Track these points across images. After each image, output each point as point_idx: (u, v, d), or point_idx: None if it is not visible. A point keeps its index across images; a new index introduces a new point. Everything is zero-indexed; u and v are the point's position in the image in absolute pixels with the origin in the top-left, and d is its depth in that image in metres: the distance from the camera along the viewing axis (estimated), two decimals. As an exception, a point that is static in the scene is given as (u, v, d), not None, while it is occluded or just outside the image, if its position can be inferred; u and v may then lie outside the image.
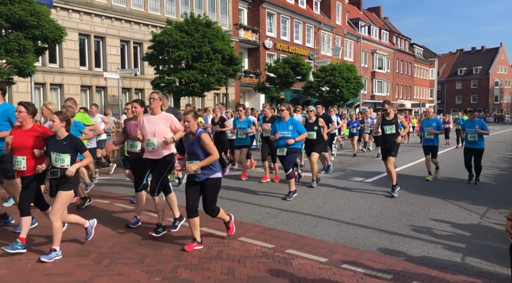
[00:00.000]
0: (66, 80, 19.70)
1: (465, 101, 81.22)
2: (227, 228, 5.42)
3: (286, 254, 4.88)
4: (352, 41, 44.62)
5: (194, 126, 5.05)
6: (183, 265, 4.52)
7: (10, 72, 11.91)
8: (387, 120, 8.34)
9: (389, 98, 52.08)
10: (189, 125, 5.04)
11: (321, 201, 7.78)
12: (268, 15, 32.65)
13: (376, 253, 4.95)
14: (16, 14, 11.31)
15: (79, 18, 19.97)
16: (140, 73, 22.49)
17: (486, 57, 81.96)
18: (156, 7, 23.57)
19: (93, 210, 7.07)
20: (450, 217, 6.61)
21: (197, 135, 5.00)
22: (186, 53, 17.00)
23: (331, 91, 29.89)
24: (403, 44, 57.24)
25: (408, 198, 8.01)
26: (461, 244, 5.28)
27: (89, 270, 4.37)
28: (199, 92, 18.51)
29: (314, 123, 9.20)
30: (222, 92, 26.64)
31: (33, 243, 5.26)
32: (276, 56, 32.51)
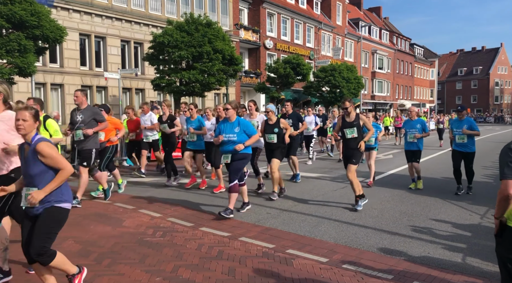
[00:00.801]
0: (66, 80, 19.71)
1: (466, 101, 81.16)
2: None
3: (286, 254, 4.88)
4: (352, 41, 44.62)
5: (30, 131, 3.41)
6: (184, 265, 4.53)
7: (11, 72, 11.92)
8: (348, 123, 7.21)
9: (389, 98, 52.11)
10: (23, 129, 3.38)
11: (321, 201, 7.78)
12: (269, 15, 32.66)
13: (377, 253, 4.96)
14: (16, 14, 11.32)
15: (79, 18, 19.98)
16: (141, 73, 22.50)
17: (486, 57, 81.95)
18: (157, 7, 23.57)
19: (94, 210, 7.07)
20: (450, 217, 6.62)
21: (32, 146, 3.38)
22: (187, 53, 17.00)
23: (331, 91, 29.90)
24: (403, 45, 57.24)
25: (409, 198, 8.01)
26: (461, 244, 5.28)
27: (90, 270, 4.37)
28: (199, 92, 18.53)
29: (274, 125, 7.98)
30: (223, 93, 26.65)
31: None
32: (276, 56, 32.53)
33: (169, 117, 9.63)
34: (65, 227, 5.91)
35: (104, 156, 8.02)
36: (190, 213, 6.88)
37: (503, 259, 2.82)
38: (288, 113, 9.73)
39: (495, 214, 2.86)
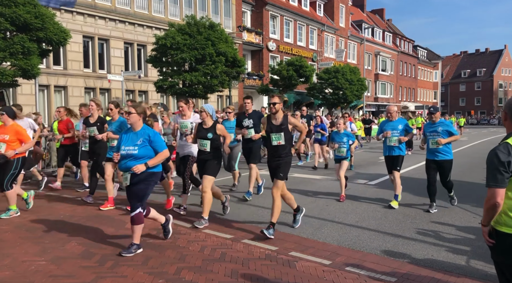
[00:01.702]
0: (70, 82, 19.77)
1: (469, 103, 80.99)
2: None
3: (289, 256, 4.87)
4: (355, 43, 44.60)
5: None
6: (187, 267, 4.52)
7: (15, 74, 11.97)
8: (274, 126, 5.78)
9: (392, 100, 52.02)
10: None
11: (324, 204, 7.76)
12: (272, 17, 32.69)
13: (380, 255, 4.94)
14: (20, 17, 11.37)
15: (83, 21, 20.06)
16: (144, 75, 22.54)
17: (490, 59, 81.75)
18: (160, 10, 23.64)
19: (96, 212, 7.08)
20: (454, 219, 6.58)
21: None
22: (189, 56, 17.03)
23: (334, 93, 29.89)
24: (406, 46, 57.18)
25: (412, 201, 7.98)
26: (465, 247, 5.25)
27: (92, 272, 4.38)
28: (202, 94, 18.55)
29: (208, 129, 6.25)
30: (226, 95, 26.67)
31: (37, 245, 5.27)
32: (279, 58, 32.55)
33: (99, 120, 7.90)
34: (68, 229, 5.94)
35: (7, 172, 6.59)
36: (193, 215, 6.87)
37: (499, 264, 2.79)
38: (248, 112, 8.13)
39: (483, 222, 2.80)
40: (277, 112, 5.73)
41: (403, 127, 7.37)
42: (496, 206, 2.62)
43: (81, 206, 7.55)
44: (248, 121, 8.06)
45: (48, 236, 5.63)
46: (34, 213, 7.01)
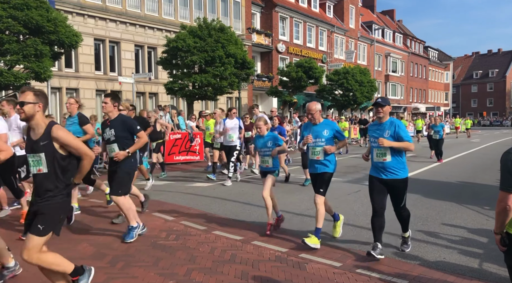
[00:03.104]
0: (81, 85, 19.98)
1: (481, 104, 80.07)
2: None
3: (299, 258, 4.85)
4: (365, 45, 44.41)
5: None
6: (197, 269, 4.53)
7: (27, 77, 12.14)
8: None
9: (403, 102, 51.66)
10: None
11: (334, 205, 7.70)
12: (281, 19, 32.70)
13: (391, 257, 4.90)
14: (33, 19, 11.53)
15: (94, 24, 20.26)
16: (154, 77, 22.70)
17: (502, 60, 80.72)
18: (170, 12, 23.79)
19: (107, 214, 7.13)
20: (466, 222, 6.51)
21: None
22: (199, 58, 17.12)
23: (344, 94, 29.79)
24: (417, 47, 56.77)
25: (423, 203, 7.91)
26: (478, 249, 5.19)
27: (104, 272, 4.41)
28: (212, 96, 18.62)
29: None
30: (235, 96, 26.73)
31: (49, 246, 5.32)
32: (288, 60, 32.54)
33: None
34: (80, 230, 5.99)
35: None
36: (203, 216, 6.90)
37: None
38: None
39: (495, 229, 2.76)
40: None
41: (330, 134, 5.35)
42: (508, 209, 2.60)
43: (93, 208, 7.61)
44: None
45: (60, 237, 5.66)
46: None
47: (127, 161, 5.54)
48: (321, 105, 6.06)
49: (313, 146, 5.36)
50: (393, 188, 4.84)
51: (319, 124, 5.44)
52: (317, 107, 5.43)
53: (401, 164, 4.80)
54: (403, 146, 4.72)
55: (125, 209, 5.43)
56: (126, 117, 5.86)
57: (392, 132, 4.74)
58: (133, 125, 5.60)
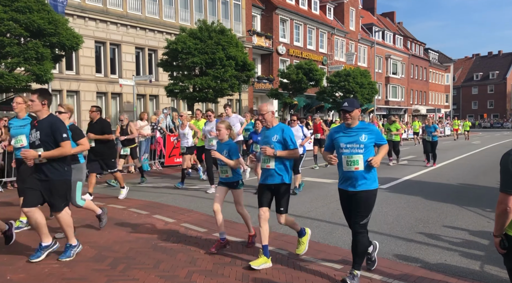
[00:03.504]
0: (82, 87, 20.00)
1: (482, 106, 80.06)
2: None
3: (300, 260, 4.85)
4: (366, 47, 44.44)
5: None
6: (198, 271, 4.53)
7: (28, 80, 12.15)
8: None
9: (404, 104, 51.66)
10: None
11: (335, 207, 7.72)
12: (281, 21, 32.75)
13: (392, 260, 4.89)
14: (34, 22, 11.55)
15: (95, 26, 20.30)
16: (155, 79, 22.73)
17: (503, 61, 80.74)
18: (171, 15, 23.83)
19: (109, 216, 7.12)
20: (467, 224, 6.50)
21: None
22: (200, 60, 17.15)
23: (345, 96, 29.77)
24: (417, 49, 56.81)
25: (424, 205, 7.90)
26: (479, 251, 5.18)
27: (105, 275, 4.41)
28: (212, 98, 18.64)
29: None
30: (236, 98, 26.75)
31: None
32: (289, 62, 32.57)
33: None
34: (81, 232, 5.99)
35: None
36: (204, 218, 6.89)
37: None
38: None
39: (495, 231, 2.76)
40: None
41: (280, 139, 4.64)
42: (508, 211, 2.60)
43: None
44: None
45: (61, 240, 5.68)
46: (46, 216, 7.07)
47: (53, 171, 4.73)
48: (321, 107, 5.95)
49: (265, 155, 4.69)
50: (360, 199, 4.15)
51: (271, 128, 4.79)
52: (269, 108, 4.78)
53: (373, 173, 4.26)
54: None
55: (66, 226, 4.92)
56: (56, 119, 4.88)
57: (369, 135, 4.13)
58: (58, 130, 4.70)
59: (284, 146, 4.65)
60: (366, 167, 4.11)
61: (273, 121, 4.82)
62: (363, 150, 4.08)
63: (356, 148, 4.09)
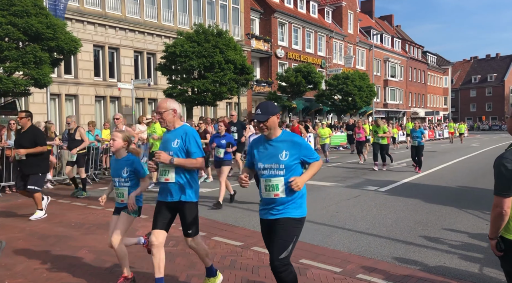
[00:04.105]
0: (81, 91, 19.99)
1: (480, 109, 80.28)
2: None
3: (300, 264, 4.84)
4: (364, 50, 44.55)
5: None
6: (197, 275, 4.51)
7: (27, 84, 12.14)
8: None
9: (402, 106, 51.76)
10: None
11: (334, 210, 7.72)
12: (280, 24, 32.82)
13: (391, 263, 4.89)
14: (33, 26, 11.56)
15: (93, 30, 20.32)
16: (153, 83, 22.73)
17: (501, 64, 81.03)
18: (169, 18, 23.87)
19: (107, 220, 7.11)
20: (466, 226, 6.50)
21: None
22: (198, 63, 17.17)
23: (343, 99, 29.84)
24: (416, 52, 56.96)
25: (423, 207, 7.90)
26: (478, 254, 5.18)
27: (103, 279, 4.39)
28: (211, 101, 18.65)
29: None
30: (234, 102, 26.77)
31: (49, 253, 5.31)
32: (287, 65, 32.63)
33: None
34: (79, 237, 5.98)
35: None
36: (203, 222, 6.86)
37: (510, 273, 2.75)
38: None
39: (490, 234, 2.76)
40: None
41: (181, 144, 3.80)
42: (503, 214, 2.60)
43: (92, 214, 7.60)
44: None
45: (59, 244, 5.67)
46: (46, 220, 7.07)
47: None
48: (320, 110, 5.73)
49: (163, 165, 3.82)
50: (278, 226, 3.33)
51: (173, 131, 3.87)
52: (170, 105, 3.83)
53: (302, 198, 3.42)
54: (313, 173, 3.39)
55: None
56: None
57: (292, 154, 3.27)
58: None
59: (187, 153, 3.79)
60: (290, 191, 3.24)
61: (175, 122, 3.89)
62: (284, 171, 3.23)
63: (276, 169, 3.24)
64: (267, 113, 3.26)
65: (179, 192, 3.81)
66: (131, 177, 4.13)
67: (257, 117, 3.26)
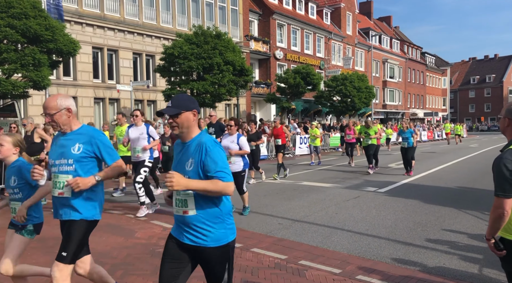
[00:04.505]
0: (80, 93, 19.98)
1: (479, 110, 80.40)
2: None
3: (299, 265, 4.84)
4: (363, 51, 44.60)
5: None
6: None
7: (26, 86, 12.14)
8: None
9: (401, 107, 51.80)
10: None
11: (334, 211, 7.72)
12: (279, 26, 32.85)
13: (391, 264, 4.88)
14: (31, 28, 11.57)
15: (92, 32, 20.32)
16: (152, 85, 22.73)
17: (499, 65, 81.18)
18: (168, 20, 23.88)
19: (106, 221, 7.10)
20: (466, 227, 6.50)
21: None
22: (197, 65, 17.18)
23: (342, 101, 29.86)
24: (414, 53, 57.04)
25: (423, 208, 7.90)
26: (478, 255, 5.18)
27: (102, 281, 4.38)
28: (210, 103, 18.65)
29: None
30: (233, 103, 26.77)
31: (47, 255, 5.30)
32: (286, 66, 32.67)
33: None
34: (78, 238, 5.96)
35: None
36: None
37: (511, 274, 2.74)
38: None
39: (487, 235, 2.73)
40: None
41: (84, 151, 3.11)
42: (505, 215, 2.58)
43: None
44: None
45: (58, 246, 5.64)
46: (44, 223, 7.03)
47: None
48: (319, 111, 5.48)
49: (55, 172, 3.11)
50: (201, 260, 2.63)
51: (69, 134, 3.13)
52: (61, 104, 3.12)
53: (216, 218, 2.55)
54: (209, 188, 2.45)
55: None
56: None
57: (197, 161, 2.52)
58: None
59: (98, 160, 3.20)
60: (202, 211, 2.53)
61: (72, 123, 3.14)
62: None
63: None
64: (179, 107, 2.61)
65: (70, 209, 3.12)
66: (21, 187, 3.43)
67: (166, 110, 2.60)
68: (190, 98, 2.70)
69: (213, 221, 2.53)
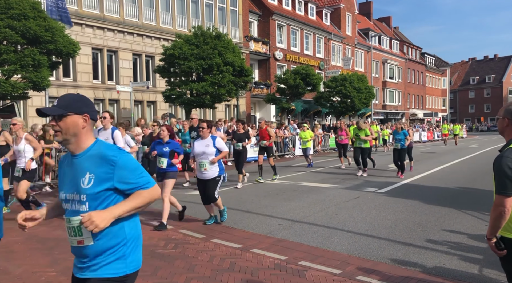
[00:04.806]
0: (79, 94, 19.97)
1: (479, 110, 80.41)
2: None
3: (299, 265, 4.83)
4: (362, 51, 44.61)
5: None
6: (196, 277, 4.50)
7: (25, 87, 12.14)
8: None
9: (401, 108, 51.81)
10: None
11: (333, 212, 7.72)
12: (278, 26, 32.86)
13: (391, 264, 4.88)
14: (31, 29, 11.56)
15: (92, 33, 20.32)
16: (152, 85, 22.73)
17: (499, 65, 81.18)
18: (168, 21, 23.89)
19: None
20: (465, 227, 6.50)
21: None
22: (196, 65, 17.19)
23: (342, 101, 29.85)
24: (414, 54, 57.06)
25: (423, 209, 7.90)
26: (478, 255, 5.18)
27: (102, 282, 4.37)
28: (210, 104, 18.65)
29: None
30: (233, 104, 26.76)
31: (47, 256, 5.30)
32: (286, 67, 32.67)
33: None
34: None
35: None
36: (201, 224, 6.87)
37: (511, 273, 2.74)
38: None
39: (488, 235, 2.72)
40: None
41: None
42: (506, 213, 2.59)
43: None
44: None
45: (58, 247, 5.66)
46: (44, 224, 7.02)
47: None
48: (319, 112, 5.35)
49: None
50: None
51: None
52: None
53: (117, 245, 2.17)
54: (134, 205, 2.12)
55: None
56: None
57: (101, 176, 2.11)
58: None
59: None
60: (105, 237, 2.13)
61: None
62: (87, 205, 2.12)
63: (77, 201, 2.15)
64: (67, 107, 2.13)
65: None
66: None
67: (48, 109, 2.14)
68: (83, 99, 2.21)
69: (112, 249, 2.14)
